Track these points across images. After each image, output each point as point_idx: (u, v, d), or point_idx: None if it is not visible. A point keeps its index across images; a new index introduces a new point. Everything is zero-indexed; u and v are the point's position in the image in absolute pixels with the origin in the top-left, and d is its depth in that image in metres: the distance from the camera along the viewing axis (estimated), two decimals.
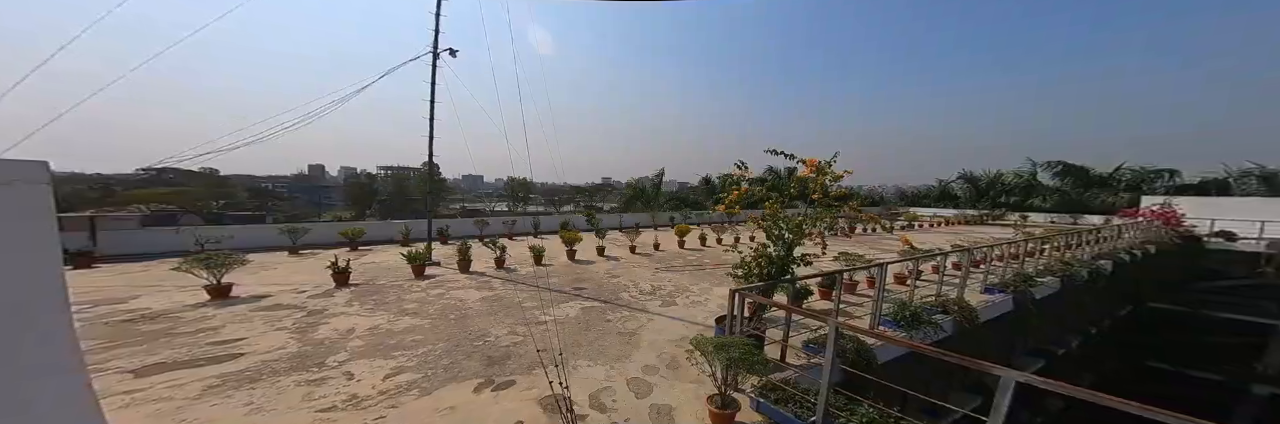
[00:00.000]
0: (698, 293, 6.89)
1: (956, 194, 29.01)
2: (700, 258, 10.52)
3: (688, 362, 3.82)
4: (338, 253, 8.74)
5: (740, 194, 4.60)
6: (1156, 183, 21.57)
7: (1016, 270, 7.12)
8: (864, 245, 12.59)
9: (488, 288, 7.01)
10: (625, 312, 5.82)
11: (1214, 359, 13.59)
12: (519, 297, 6.41)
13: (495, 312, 5.68)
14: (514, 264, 9.05)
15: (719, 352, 2.98)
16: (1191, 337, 14.31)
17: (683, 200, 27.22)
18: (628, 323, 5.37)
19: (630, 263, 9.59)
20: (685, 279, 7.90)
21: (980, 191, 27.24)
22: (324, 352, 4.31)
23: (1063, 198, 23.38)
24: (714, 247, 12.45)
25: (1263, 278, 13.15)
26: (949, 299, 5.67)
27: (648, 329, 5.14)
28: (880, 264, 4.84)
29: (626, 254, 10.71)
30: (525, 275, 8.00)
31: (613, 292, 6.89)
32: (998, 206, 24.84)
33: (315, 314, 5.51)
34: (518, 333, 4.90)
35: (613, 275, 8.18)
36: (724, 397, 3.08)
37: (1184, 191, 19.33)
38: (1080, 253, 9.60)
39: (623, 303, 6.26)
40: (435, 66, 8.42)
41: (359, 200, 37.76)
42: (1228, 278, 14.15)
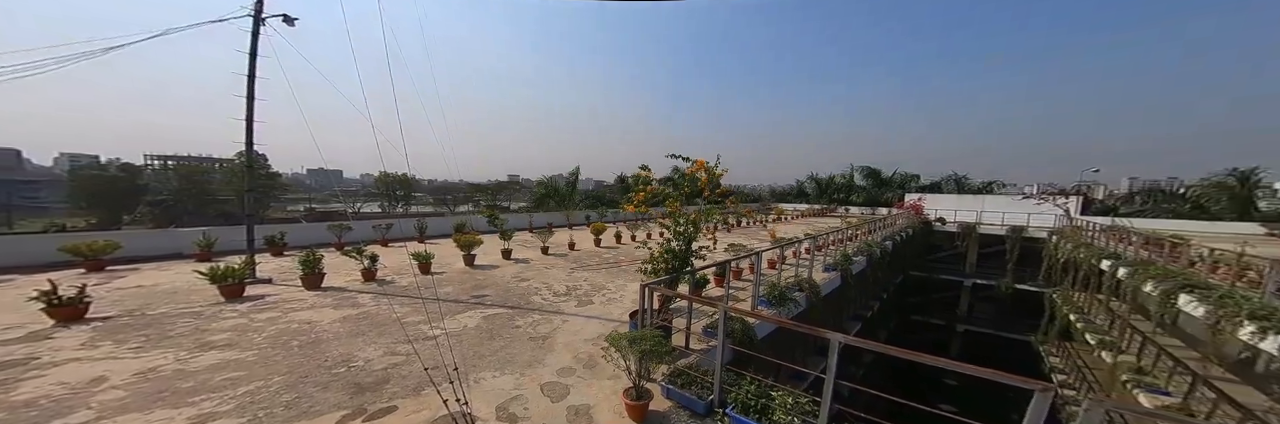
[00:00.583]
0: (614, 290, 6.95)
1: (807, 191, 37.02)
2: (616, 256, 10.60)
3: (604, 359, 3.88)
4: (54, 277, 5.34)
5: (648, 193, 4.89)
6: (911, 184, 31.82)
7: (842, 252, 9.48)
8: (746, 236, 14.79)
9: (351, 305, 5.73)
10: (537, 316, 5.49)
11: (940, 309, 20.88)
12: (399, 311, 5.45)
13: (363, 332, 4.70)
14: (391, 275, 7.59)
15: (632, 345, 3.05)
16: (930, 294, 21.66)
17: (599, 199, 26.99)
18: (540, 327, 5.09)
19: (543, 264, 9.05)
20: (602, 277, 7.88)
21: (822, 190, 35.45)
22: (39, 417, 2.89)
23: (867, 194, 32.13)
24: (629, 244, 12.72)
25: (956, 249, 20.77)
26: (803, 279, 7.14)
27: (563, 331, 4.96)
28: (756, 253, 5.77)
29: (537, 256, 10.09)
30: (407, 287, 6.79)
31: (522, 296, 6.42)
32: (832, 202, 32.69)
33: (10, 367, 3.62)
34: (399, 352, 4.15)
35: (521, 279, 7.62)
36: (639, 388, 3.17)
37: (924, 190, 29.05)
38: (876, 236, 13.37)
39: (533, 307, 5.89)
40: (257, 33, 6.44)
41: (101, 200, 25.71)
42: (943, 250, 21.83)
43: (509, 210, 25.24)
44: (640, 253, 5.08)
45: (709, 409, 3.15)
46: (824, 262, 8.88)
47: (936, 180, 31.37)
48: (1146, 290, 8.11)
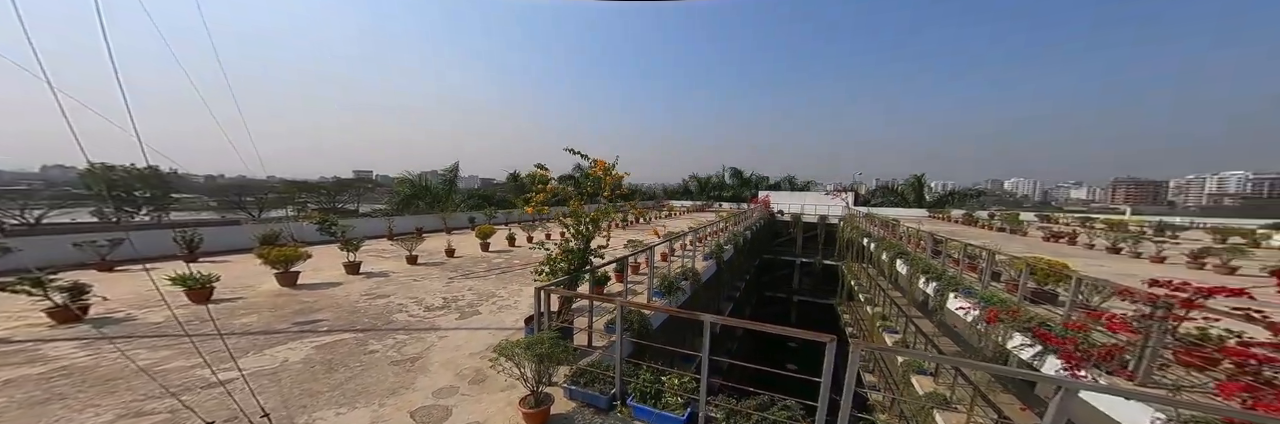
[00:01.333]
0: (507, 296, 6.24)
1: (691, 190, 41.92)
2: (510, 259, 9.54)
3: (495, 370, 3.45)
4: None
5: (547, 193, 4.57)
6: (763, 183, 39.70)
7: (717, 243, 11.05)
8: (642, 233, 15.60)
9: (32, 361, 3.59)
10: (402, 336, 4.49)
11: (783, 285, 26.78)
12: (151, 357, 3.70)
13: (64, 396, 3.04)
14: (124, 310, 5.02)
15: (528, 351, 2.81)
16: (776, 273, 27.46)
17: (487, 199, 23.53)
18: (407, 348, 4.17)
19: (410, 276, 7.47)
20: (490, 284, 6.98)
21: (702, 188, 40.71)
22: None
23: (734, 192, 38.49)
24: (524, 246, 11.70)
25: (790, 235, 27.06)
26: (688, 269, 7.99)
27: (439, 349, 4.19)
28: (650, 247, 6.11)
29: (402, 267, 8.28)
30: (163, 324, 4.61)
31: (378, 316, 5.15)
32: (710, 199, 37.94)
33: None
34: (152, 411, 2.87)
35: (377, 296, 6.09)
36: (537, 395, 2.94)
37: (771, 189, 36.76)
38: (740, 228, 16.09)
39: (396, 326, 4.80)
40: None
41: None
42: (782, 236, 28.03)
43: (357, 214, 19.78)
44: (537, 255, 4.75)
45: (610, 403, 3.16)
46: (703, 252, 10.15)
47: (778, 180, 40.04)
48: (883, 258, 12.17)
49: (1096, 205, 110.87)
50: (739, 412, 2.86)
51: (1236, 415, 2.08)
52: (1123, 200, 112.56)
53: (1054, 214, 23.64)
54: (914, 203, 30.76)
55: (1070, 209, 35.24)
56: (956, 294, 6.94)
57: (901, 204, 30.98)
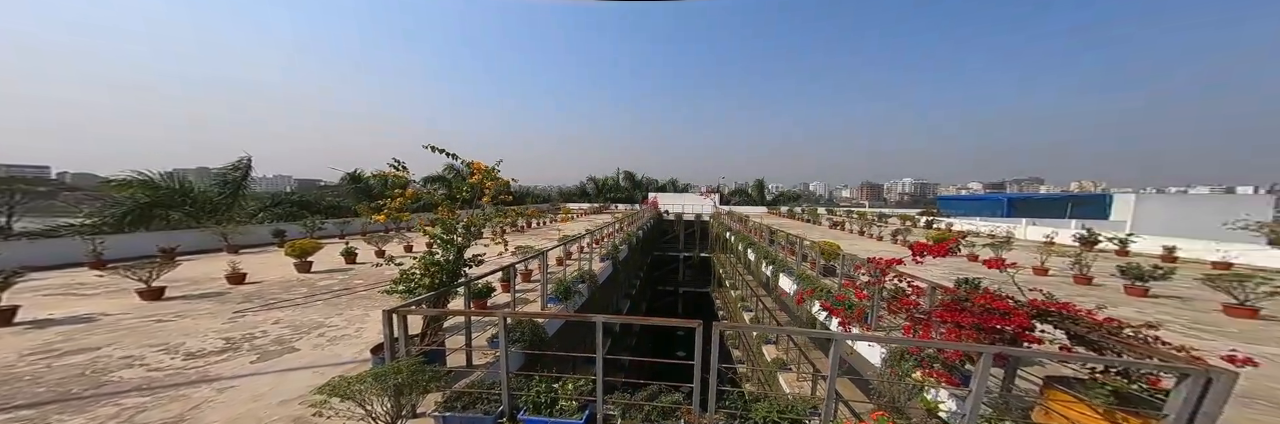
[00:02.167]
0: (344, 325, 5.05)
1: (588, 192, 41.85)
2: (349, 280, 7.74)
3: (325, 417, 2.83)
4: None
5: (406, 198, 3.95)
6: (653, 185, 42.76)
7: (613, 243, 11.50)
8: (537, 237, 14.76)
9: None
10: (130, 400, 3.17)
11: (671, 279, 29.65)
12: None
13: None
14: None
15: (378, 383, 2.41)
16: (666, 268, 30.20)
17: (306, 206, 17.51)
18: (146, 415, 2.98)
19: (147, 317, 5.23)
20: (315, 313, 5.53)
21: (599, 190, 41.13)
22: None
23: (628, 193, 40.09)
24: (370, 262, 9.66)
25: (675, 233, 30.38)
26: (585, 271, 8.09)
27: (222, 404, 3.15)
28: (542, 252, 5.93)
29: (129, 305, 5.75)
30: None
31: (68, 381, 3.47)
32: (607, 200, 38.68)
33: None
34: None
35: (66, 353, 4.04)
36: None
37: (660, 191, 40.01)
38: (634, 228, 17.05)
39: (120, 389, 3.35)
40: None
41: None
42: (669, 234, 31.05)
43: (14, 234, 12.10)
44: (391, 272, 3.97)
45: (497, 422, 3.02)
46: (600, 253, 10.41)
47: (665, 183, 43.84)
48: (740, 248, 14.97)
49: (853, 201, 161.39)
50: (634, 406, 3.01)
51: (910, 343, 3.51)
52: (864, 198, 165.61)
53: (835, 208, 33.81)
54: (758, 202, 38.66)
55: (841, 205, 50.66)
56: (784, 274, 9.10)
57: (750, 203, 38.46)
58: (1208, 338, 4.87)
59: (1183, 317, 5.79)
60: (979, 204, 27.56)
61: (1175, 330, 5.04)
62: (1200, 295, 6.68)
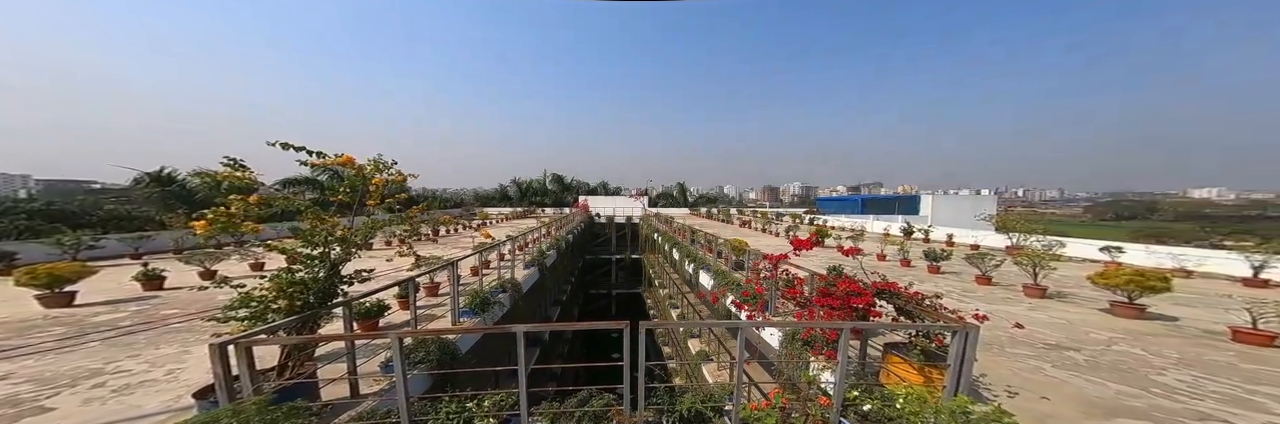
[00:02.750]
0: (147, 368, 3.86)
1: (510, 195, 39.14)
2: (151, 310, 5.90)
3: None
4: None
5: (248, 204, 3.02)
6: (583, 188, 41.88)
7: (539, 249, 10.94)
8: (449, 247, 13.24)
9: None
10: None
11: (603, 281, 29.46)
12: None
13: None
14: None
15: None
16: (598, 271, 29.97)
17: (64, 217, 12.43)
18: None
19: None
20: (84, 359, 4.10)
21: (523, 193, 38.71)
22: None
23: (556, 197, 38.52)
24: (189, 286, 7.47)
25: (607, 235, 30.43)
26: (506, 280, 7.55)
27: None
28: (452, 262, 5.27)
29: None
30: None
31: None
32: (532, 204, 36.67)
33: None
34: None
35: None
36: None
37: (590, 193, 39.41)
38: (563, 232, 16.54)
39: None
40: None
41: None
42: (601, 237, 30.93)
43: None
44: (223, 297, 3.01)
45: None
46: (524, 260, 9.82)
47: (596, 186, 43.44)
48: (666, 248, 15.76)
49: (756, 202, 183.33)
50: (563, 413, 2.91)
51: (800, 325, 4.09)
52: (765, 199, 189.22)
53: (743, 209, 37.93)
54: (682, 203, 41.19)
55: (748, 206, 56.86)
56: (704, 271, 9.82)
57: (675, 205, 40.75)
58: (966, 302, 6.70)
59: (956, 287, 7.89)
60: (843, 204, 33.86)
61: (952, 298, 6.84)
62: (965, 270, 9.12)
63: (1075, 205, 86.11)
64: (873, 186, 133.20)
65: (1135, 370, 4.08)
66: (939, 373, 3.09)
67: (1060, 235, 12.30)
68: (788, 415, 3.06)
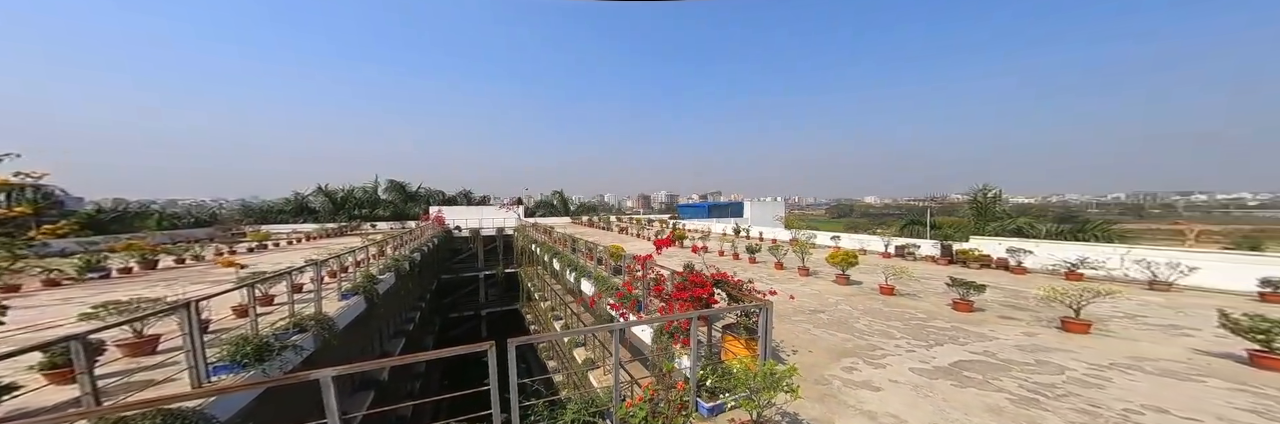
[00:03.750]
0: None
1: (315, 207, 29.00)
2: None
3: None
4: None
5: None
6: (436, 197, 35.16)
7: (364, 273, 8.41)
8: (180, 282, 8.66)
9: None
10: None
11: (469, 302, 25.41)
12: None
13: None
14: None
15: None
16: (460, 291, 25.56)
17: None
18: None
19: None
20: None
21: (339, 205, 29.27)
22: None
23: (395, 208, 31.02)
24: None
25: (471, 250, 26.39)
26: (306, 316, 5.44)
27: None
28: (183, 304, 3.45)
29: None
30: None
31: None
32: (354, 218, 28.04)
33: None
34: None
35: None
36: None
37: (447, 203, 33.54)
38: (405, 250, 13.34)
39: None
40: None
41: None
42: (463, 252, 26.69)
43: None
44: None
45: None
46: (340, 288, 7.38)
47: (454, 195, 37.40)
48: (546, 259, 14.96)
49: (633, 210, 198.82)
50: None
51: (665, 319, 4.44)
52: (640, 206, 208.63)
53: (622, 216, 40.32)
54: (563, 212, 40.37)
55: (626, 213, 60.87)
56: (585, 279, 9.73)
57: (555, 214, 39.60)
58: (768, 284, 8.87)
59: (763, 273, 10.46)
60: (696, 210, 40.67)
61: (761, 282, 8.93)
62: (769, 259, 12.22)
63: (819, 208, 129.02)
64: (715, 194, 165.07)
65: (847, 322, 6.11)
66: (755, 343, 3.89)
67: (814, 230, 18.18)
68: (656, 406, 3.25)
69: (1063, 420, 3.23)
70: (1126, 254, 8.94)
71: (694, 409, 3.43)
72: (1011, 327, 5.71)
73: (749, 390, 3.07)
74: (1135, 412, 3.34)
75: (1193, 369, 4.16)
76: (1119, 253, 9.17)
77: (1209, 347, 4.72)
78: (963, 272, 9.90)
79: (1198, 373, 4.06)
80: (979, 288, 6.57)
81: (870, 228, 27.75)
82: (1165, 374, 4.05)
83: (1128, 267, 8.60)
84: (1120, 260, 8.81)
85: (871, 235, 16.45)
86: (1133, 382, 3.89)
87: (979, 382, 3.98)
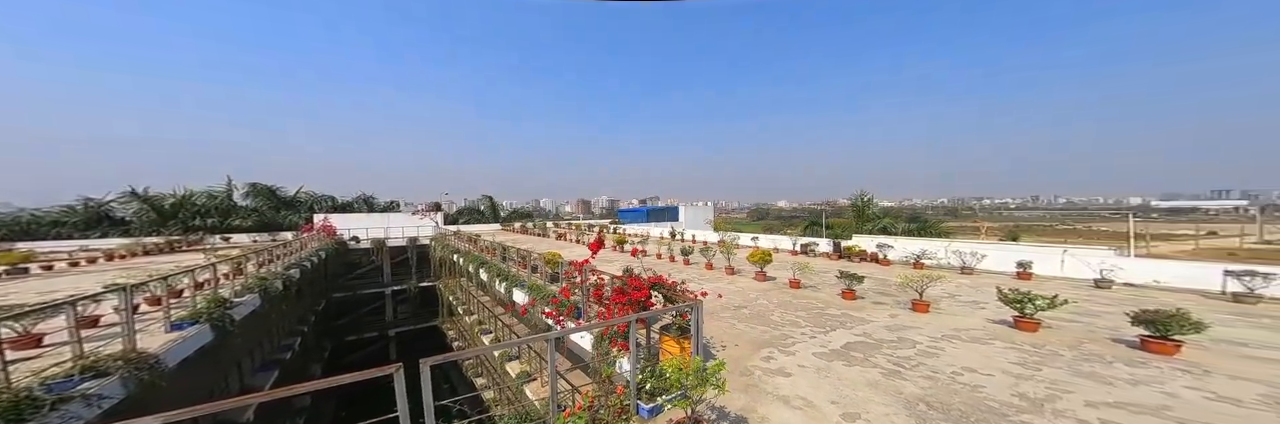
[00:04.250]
0: None
1: (125, 218, 21.61)
2: None
3: None
4: None
5: None
6: (323, 204, 29.24)
7: (209, 297, 6.52)
8: None
9: None
10: None
11: (372, 322, 21.48)
12: None
13: None
14: None
15: None
16: (359, 310, 21.52)
17: None
18: None
19: None
20: None
21: (165, 214, 22.20)
22: None
23: (261, 217, 24.78)
24: None
25: (374, 263, 22.52)
26: (103, 357, 4.00)
27: None
28: None
29: None
30: None
31: None
32: (192, 230, 21.59)
33: None
34: None
35: None
36: None
37: (337, 211, 28.16)
38: (276, 266, 10.75)
39: None
40: None
41: None
42: (363, 266, 22.65)
43: None
44: None
45: None
46: (170, 318, 5.61)
47: (351, 200, 31.57)
48: (471, 270, 13.61)
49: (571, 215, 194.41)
50: None
51: (604, 324, 4.39)
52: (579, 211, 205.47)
53: (560, 222, 39.00)
54: (491, 219, 37.23)
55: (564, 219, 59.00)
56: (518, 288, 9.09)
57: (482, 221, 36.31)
58: (697, 284, 9.57)
59: (696, 273, 11.21)
60: (636, 214, 41.73)
61: (694, 282, 9.64)
62: (701, 260, 13.07)
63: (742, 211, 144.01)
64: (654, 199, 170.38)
65: (765, 315, 6.85)
66: (688, 342, 4.12)
67: (738, 232, 20.10)
68: (596, 413, 3.20)
69: (916, 386, 4.08)
70: (948, 247, 11.78)
71: (634, 412, 3.44)
72: (881, 310, 7.03)
73: (683, 389, 3.19)
74: (958, 372, 4.40)
75: (986, 334, 5.64)
76: (944, 246, 12.04)
77: (994, 316, 6.44)
78: (848, 265, 11.88)
79: (989, 337, 5.52)
80: (859, 279, 7.96)
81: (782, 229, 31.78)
82: (973, 341, 5.40)
83: (948, 256, 11.33)
84: (944, 252, 11.58)
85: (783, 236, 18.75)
86: (955, 349, 5.10)
87: (861, 360, 4.81)
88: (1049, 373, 4.30)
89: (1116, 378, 4.15)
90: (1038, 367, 4.48)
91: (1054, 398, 3.74)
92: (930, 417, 3.49)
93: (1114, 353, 4.81)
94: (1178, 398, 3.69)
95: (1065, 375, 4.22)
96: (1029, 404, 3.64)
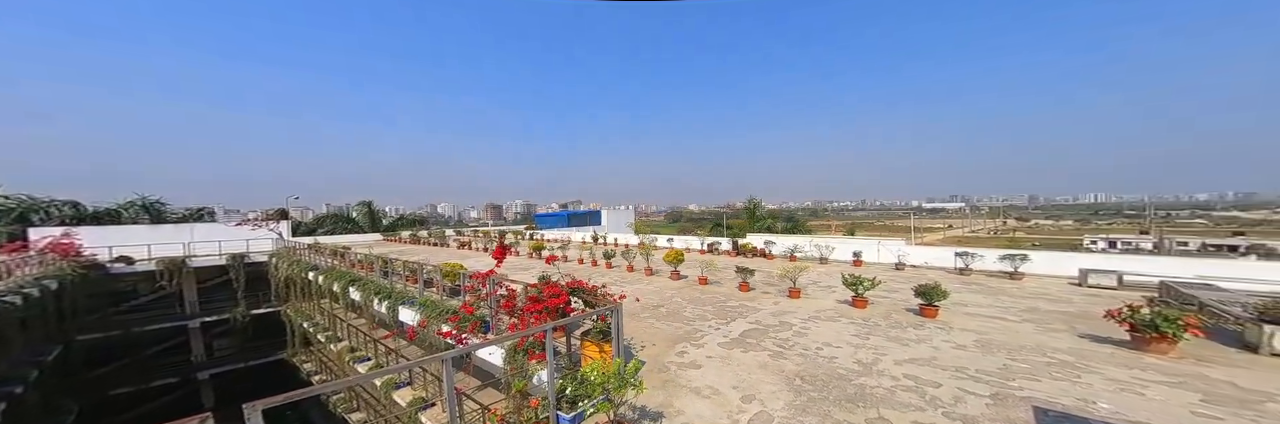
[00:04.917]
0: None
1: None
2: None
3: None
4: None
5: None
6: (51, 214, 19.52)
7: None
8: None
9: None
10: None
11: (166, 366, 15.23)
12: None
13: None
14: None
15: None
16: (138, 354, 14.98)
17: None
18: None
19: None
20: None
21: None
22: None
23: None
24: None
25: (165, 290, 16.04)
26: None
27: None
28: None
29: None
30: None
31: None
32: None
33: None
34: None
35: None
36: None
37: (83, 223, 19.07)
38: None
39: None
40: None
41: None
42: (142, 295, 15.92)
43: None
44: None
45: None
46: None
47: (119, 206, 21.81)
48: (336, 289, 10.98)
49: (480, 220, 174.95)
50: None
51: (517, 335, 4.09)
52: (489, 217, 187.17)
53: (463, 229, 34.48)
54: (370, 228, 30.61)
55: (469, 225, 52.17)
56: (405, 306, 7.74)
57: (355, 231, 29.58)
58: (618, 286, 9.86)
59: (617, 276, 11.51)
60: (556, 219, 40.00)
61: (615, 284, 9.92)
62: (623, 263, 13.56)
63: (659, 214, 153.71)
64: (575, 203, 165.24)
65: (679, 312, 7.46)
66: (609, 346, 4.21)
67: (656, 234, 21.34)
68: None
69: (794, 364, 5.00)
70: (812, 241, 14.79)
71: (554, 423, 3.31)
72: (768, 299, 8.36)
73: (605, 393, 3.22)
74: (820, 347, 5.54)
75: (837, 314, 7.25)
76: (810, 241, 15.06)
77: (841, 297, 8.33)
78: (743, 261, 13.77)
79: (840, 317, 7.09)
80: (751, 272, 9.31)
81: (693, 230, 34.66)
82: (829, 320, 6.87)
83: (813, 249, 14.24)
84: (810, 246, 14.49)
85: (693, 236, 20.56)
86: (818, 327, 6.42)
87: (754, 345, 5.64)
88: (874, 341, 5.70)
89: (909, 339, 5.77)
90: (867, 336, 5.94)
91: (877, 361, 5.00)
92: (804, 389, 4.32)
93: (907, 320, 6.74)
94: (938, 349, 5.35)
95: (883, 342, 5.68)
96: (863, 368, 4.80)
